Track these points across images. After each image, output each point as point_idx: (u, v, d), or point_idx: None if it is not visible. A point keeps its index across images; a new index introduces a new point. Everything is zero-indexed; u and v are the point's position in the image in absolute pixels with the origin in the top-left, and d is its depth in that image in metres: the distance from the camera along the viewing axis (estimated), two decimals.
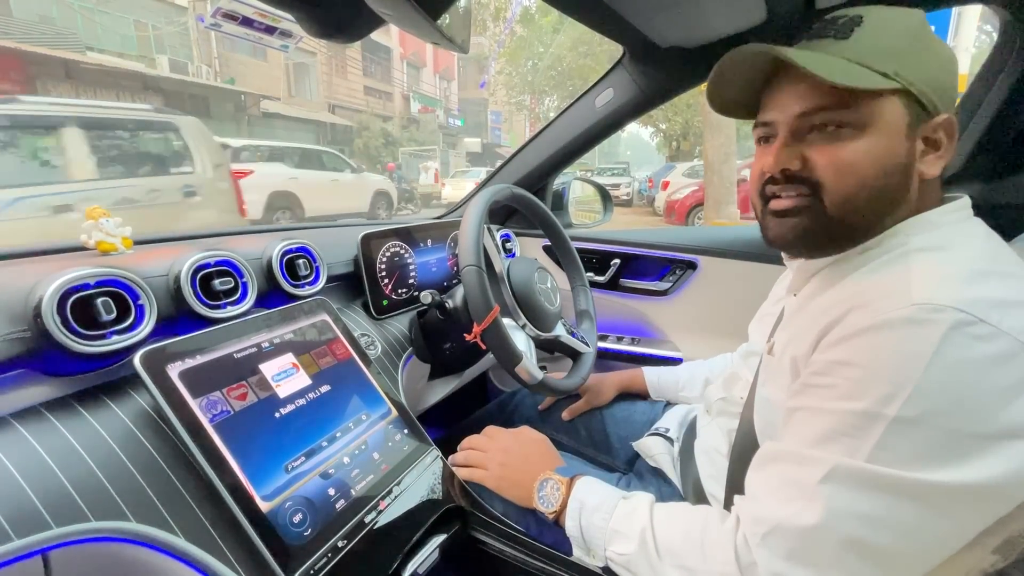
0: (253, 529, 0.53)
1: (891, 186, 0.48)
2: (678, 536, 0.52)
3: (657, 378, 1.00)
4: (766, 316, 0.73)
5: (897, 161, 0.48)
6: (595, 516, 0.59)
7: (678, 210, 8.38)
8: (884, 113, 0.47)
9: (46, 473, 0.48)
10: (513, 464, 0.73)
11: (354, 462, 0.66)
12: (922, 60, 0.48)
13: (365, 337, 0.90)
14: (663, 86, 1.11)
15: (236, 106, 13.06)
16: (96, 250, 0.73)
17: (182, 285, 0.66)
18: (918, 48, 0.48)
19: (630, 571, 0.55)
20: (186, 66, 11.80)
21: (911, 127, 0.48)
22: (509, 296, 0.87)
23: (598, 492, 0.63)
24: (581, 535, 0.60)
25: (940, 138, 0.49)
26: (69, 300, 0.55)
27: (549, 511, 0.64)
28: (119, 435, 0.54)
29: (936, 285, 0.42)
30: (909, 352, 0.39)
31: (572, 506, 0.62)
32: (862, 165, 0.48)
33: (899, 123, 0.47)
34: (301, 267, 0.84)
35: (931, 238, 0.48)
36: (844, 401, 0.42)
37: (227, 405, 0.59)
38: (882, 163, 0.48)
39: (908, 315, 0.40)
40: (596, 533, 0.59)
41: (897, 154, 0.48)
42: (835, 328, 0.45)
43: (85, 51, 9.96)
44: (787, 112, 0.51)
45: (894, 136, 0.48)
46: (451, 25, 0.57)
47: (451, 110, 24.94)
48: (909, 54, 0.47)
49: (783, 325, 0.61)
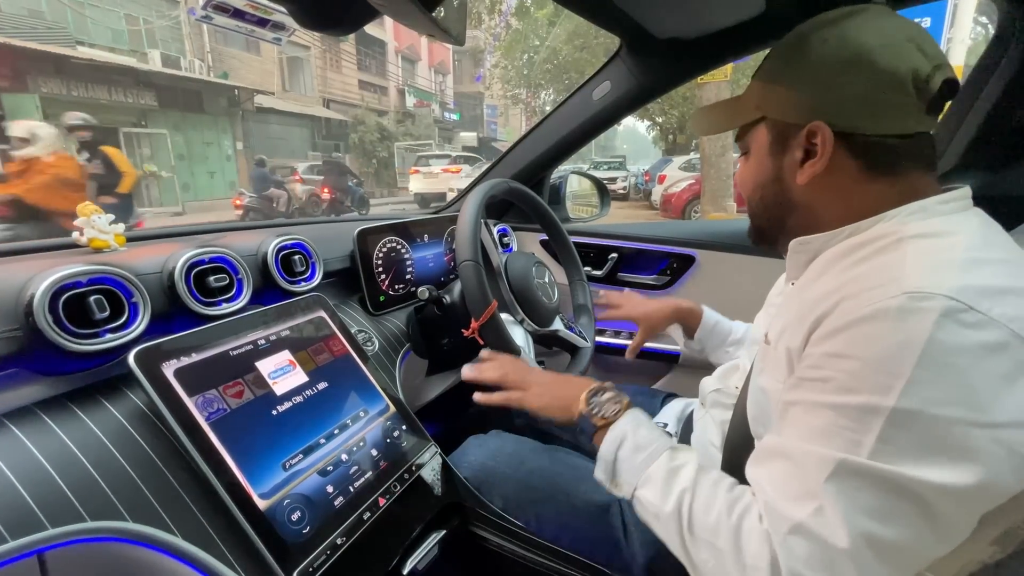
0: (251, 527, 0.53)
1: (765, 198, 0.57)
2: (717, 513, 0.49)
3: (714, 324, 0.94)
4: (771, 307, 0.72)
5: (763, 178, 0.56)
6: (637, 456, 0.55)
7: (675, 204, 8.38)
8: (754, 140, 0.56)
9: (40, 473, 0.47)
10: (549, 380, 0.68)
11: (352, 459, 0.66)
12: (778, 82, 0.53)
13: (362, 333, 0.89)
14: (661, 78, 1.11)
15: (230, 101, 12.95)
16: (89, 247, 0.72)
17: (176, 282, 0.65)
18: (779, 69, 0.53)
19: (652, 523, 0.53)
20: (178, 60, 11.68)
21: (777, 145, 0.54)
22: (507, 291, 0.87)
23: (646, 432, 0.57)
24: (613, 464, 0.57)
25: (813, 145, 0.51)
26: (61, 298, 0.55)
27: (600, 418, 0.59)
28: (114, 434, 0.53)
29: (927, 273, 0.42)
30: (901, 342, 0.39)
31: (614, 433, 0.57)
32: (744, 183, 0.60)
33: (763, 145, 0.55)
34: (297, 263, 0.83)
35: (927, 225, 0.47)
36: (841, 395, 0.42)
37: (223, 403, 0.59)
38: (753, 180, 0.58)
39: (899, 304, 0.40)
40: (631, 474, 0.55)
41: (762, 172, 0.56)
42: (827, 319, 0.45)
43: (75, 46, 9.86)
44: None
45: (760, 157, 0.56)
46: (446, 17, 0.56)
47: (446, 104, 24.82)
48: (773, 82, 0.53)
49: (779, 313, 0.61)
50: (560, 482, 0.74)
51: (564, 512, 0.72)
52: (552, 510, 0.72)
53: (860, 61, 0.47)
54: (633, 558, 0.68)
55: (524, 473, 0.76)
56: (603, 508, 0.71)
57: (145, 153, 11.33)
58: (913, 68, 0.46)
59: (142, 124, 11.27)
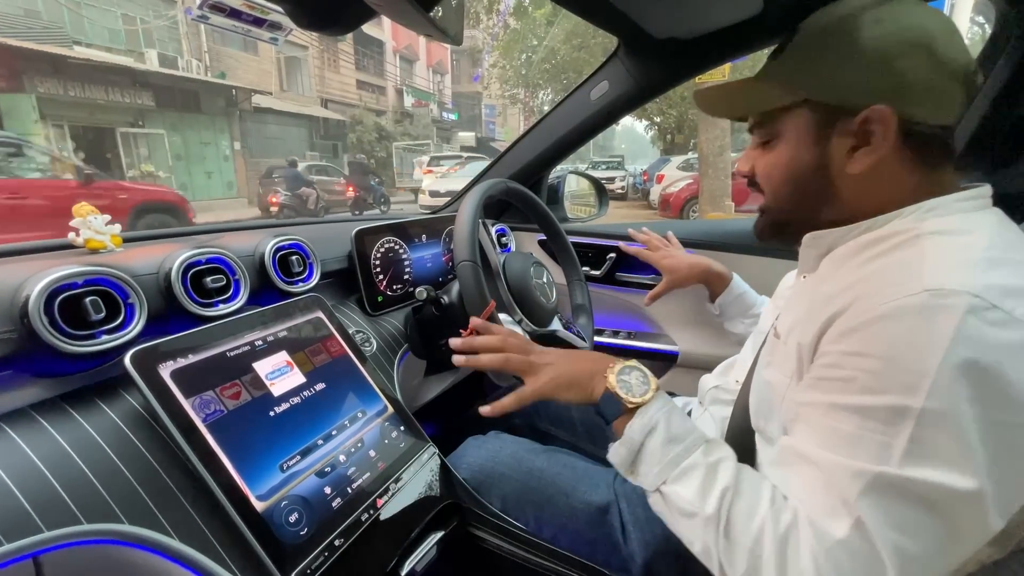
0: (248, 529, 0.53)
1: (803, 188, 0.53)
2: (761, 519, 0.44)
3: (740, 293, 0.92)
4: (780, 299, 0.72)
5: (803, 166, 0.52)
6: (670, 448, 0.50)
7: (673, 203, 8.39)
8: (788, 125, 0.52)
9: (36, 476, 0.47)
10: (559, 354, 0.62)
11: (350, 460, 0.66)
12: (827, 64, 0.49)
13: (360, 334, 0.89)
14: (659, 78, 1.11)
15: (227, 101, 12.93)
16: (85, 248, 0.72)
17: (173, 283, 0.65)
18: (824, 52, 0.49)
19: (676, 521, 0.49)
20: (176, 60, 11.65)
21: (822, 130, 0.50)
22: (505, 291, 0.87)
23: (680, 421, 0.53)
24: (638, 452, 0.52)
25: (870, 131, 0.48)
26: (57, 299, 0.54)
27: (631, 398, 0.53)
28: (110, 436, 0.53)
29: (948, 270, 0.41)
30: (926, 340, 0.38)
31: (643, 419, 0.52)
32: (774, 172, 0.54)
33: (804, 130, 0.51)
34: (294, 264, 0.83)
35: (945, 222, 0.47)
36: (866, 395, 0.41)
37: (220, 404, 0.58)
38: (789, 169, 0.53)
39: (921, 301, 0.39)
40: (662, 467, 0.50)
41: (803, 159, 0.52)
42: (842, 316, 0.44)
43: (72, 46, 9.83)
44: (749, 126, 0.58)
45: (799, 143, 0.51)
46: (444, 17, 0.56)
47: (445, 104, 24.81)
48: (808, 62, 0.50)
49: (789, 307, 0.60)
50: (559, 483, 0.74)
51: (563, 513, 0.72)
52: (551, 511, 0.72)
53: (923, 45, 0.46)
54: (631, 558, 0.68)
55: (523, 474, 0.76)
56: (602, 509, 0.71)
57: (142, 153, 11.30)
58: (966, 60, 0.46)
59: (139, 124, 11.25)
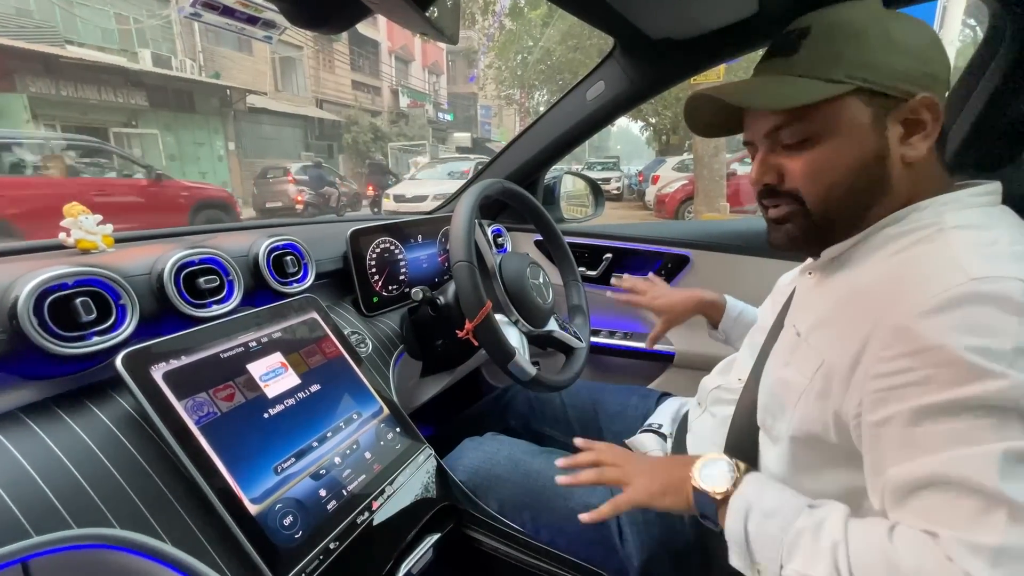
0: (242, 533, 0.52)
1: (865, 180, 0.50)
2: (882, 564, 0.40)
3: (738, 313, 0.91)
4: (778, 295, 0.71)
5: (865, 155, 0.50)
6: (769, 524, 0.47)
7: (668, 204, 8.41)
8: (842, 115, 0.49)
9: (25, 480, 0.46)
10: (652, 464, 0.60)
11: (346, 462, 0.65)
12: (874, 53, 0.48)
13: (355, 335, 0.88)
14: (654, 78, 1.11)
15: (221, 101, 12.86)
16: (76, 248, 0.71)
17: (165, 284, 0.64)
18: (866, 42, 0.48)
19: None
20: (169, 60, 11.58)
21: (878, 118, 0.49)
22: (501, 292, 0.86)
23: (773, 494, 0.50)
24: (746, 541, 0.48)
25: (922, 118, 0.49)
26: (47, 300, 0.53)
27: (716, 491, 0.51)
28: (101, 439, 0.52)
29: (987, 261, 0.42)
30: (997, 324, 0.38)
31: (737, 504, 0.50)
32: (829, 169, 0.51)
33: (861, 119, 0.49)
34: (289, 264, 0.82)
35: (965, 216, 0.48)
36: (952, 389, 0.39)
37: (214, 406, 0.58)
38: (849, 161, 0.50)
39: (972, 290, 0.40)
40: (769, 543, 0.46)
41: (864, 149, 0.50)
42: (888, 317, 0.43)
43: (64, 45, 9.75)
44: (758, 132, 0.55)
45: (857, 133, 0.49)
46: (440, 16, 0.56)
47: (440, 104, 24.79)
48: (857, 52, 0.48)
49: (802, 304, 0.60)
50: (556, 485, 0.74)
51: (560, 515, 0.71)
52: (548, 513, 0.72)
53: (939, 44, 0.50)
54: (628, 560, 0.68)
55: (520, 476, 0.75)
56: None
57: (136, 153, 11.22)
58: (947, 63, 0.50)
59: (132, 124, 11.17)
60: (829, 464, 0.51)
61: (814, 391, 0.50)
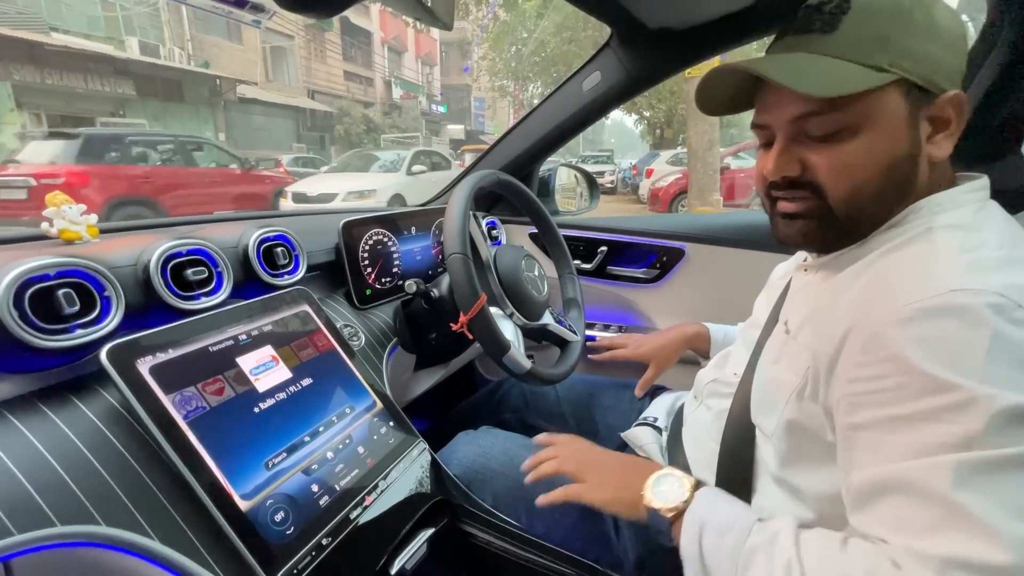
0: (232, 529, 0.51)
1: (895, 179, 0.47)
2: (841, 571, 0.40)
3: (723, 337, 0.91)
4: (772, 289, 0.71)
5: (899, 153, 0.47)
6: (724, 540, 0.47)
7: (662, 198, 8.41)
8: (880, 108, 0.45)
9: (6, 477, 0.45)
10: (609, 466, 0.60)
11: (338, 457, 0.64)
12: (918, 40, 0.45)
13: (348, 328, 0.87)
14: (651, 69, 1.10)
15: (211, 91, 12.69)
16: (60, 239, 0.69)
17: (152, 275, 0.62)
18: (912, 27, 0.45)
19: None
20: (157, 48, 11.39)
21: (912, 114, 0.46)
22: (496, 285, 0.85)
23: (724, 509, 0.50)
24: (700, 559, 0.48)
25: (948, 115, 0.47)
26: (28, 292, 0.52)
27: (667, 507, 0.51)
28: (86, 435, 0.51)
29: (968, 270, 0.41)
30: (966, 339, 0.38)
31: (689, 520, 0.50)
32: (861, 165, 0.47)
33: (898, 114, 0.46)
34: (279, 256, 0.80)
35: (954, 216, 0.47)
36: (922, 399, 0.38)
37: (202, 401, 0.56)
38: (882, 159, 0.46)
39: (947, 302, 0.39)
40: (724, 560, 0.46)
41: (899, 147, 0.46)
42: (865, 320, 0.43)
43: (49, 32, 9.55)
44: (780, 117, 0.49)
45: (894, 129, 0.46)
46: (435, 1, 0.54)
47: (433, 96, 24.62)
48: (902, 37, 0.44)
49: (795, 300, 0.59)
50: (551, 479, 0.73)
51: (555, 509, 0.70)
52: (543, 507, 0.72)
53: (966, 36, 0.47)
54: (624, 554, 0.68)
55: (514, 470, 0.75)
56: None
57: None
58: None
59: (120, 114, 11.00)
60: (822, 460, 0.50)
61: (806, 389, 0.49)
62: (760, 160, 0.54)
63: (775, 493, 0.55)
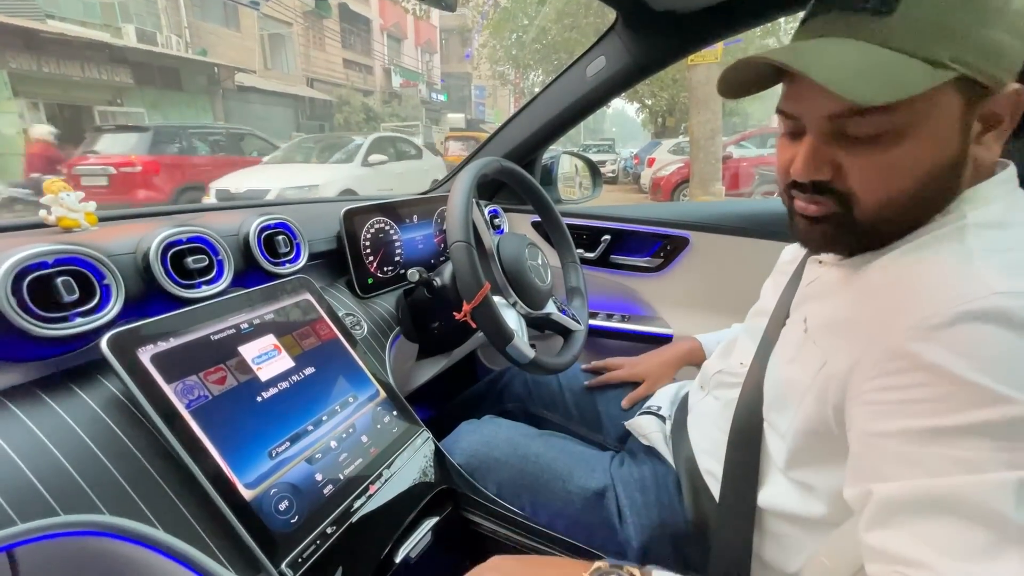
0: (237, 518, 0.51)
1: (933, 188, 0.43)
2: None
3: (716, 345, 0.89)
4: (780, 274, 0.68)
5: (944, 159, 0.42)
6: None
7: (664, 187, 8.37)
8: (932, 109, 0.40)
9: (8, 466, 0.44)
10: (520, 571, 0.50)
11: (342, 446, 0.64)
12: (987, 27, 0.38)
13: (350, 317, 0.86)
14: (657, 53, 1.08)
15: (209, 79, 12.57)
16: (58, 227, 0.68)
17: (151, 263, 0.62)
18: (982, 10, 0.38)
19: None
20: (154, 36, 11.27)
21: (966, 114, 0.41)
22: (499, 273, 0.84)
23: None
24: None
25: (1002, 113, 0.42)
26: (26, 280, 0.51)
27: None
28: (88, 424, 0.50)
29: (1010, 271, 0.38)
30: (1015, 347, 0.35)
31: None
32: (899, 175, 0.42)
33: (951, 116, 0.40)
34: (280, 244, 0.80)
35: (987, 213, 0.43)
36: (970, 411, 0.35)
37: (204, 390, 0.56)
38: (923, 167, 0.42)
39: (994, 305, 0.36)
40: None
41: (945, 152, 0.41)
42: (895, 324, 0.40)
43: (45, 19, 9.44)
44: (814, 111, 0.44)
45: (943, 132, 0.41)
46: None
47: (434, 84, 24.41)
48: (969, 24, 0.38)
49: (812, 296, 0.57)
50: (555, 468, 0.73)
51: (559, 497, 0.71)
52: (547, 496, 0.71)
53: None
54: (628, 542, 0.68)
55: (518, 459, 0.75)
56: (598, 493, 0.71)
57: None
58: None
59: (118, 102, 10.90)
60: (832, 459, 0.49)
61: (816, 389, 0.48)
62: (784, 150, 0.49)
63: (784, 486, 0.55)
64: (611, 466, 0.75)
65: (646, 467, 0.74)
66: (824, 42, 0.42)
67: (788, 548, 0.55)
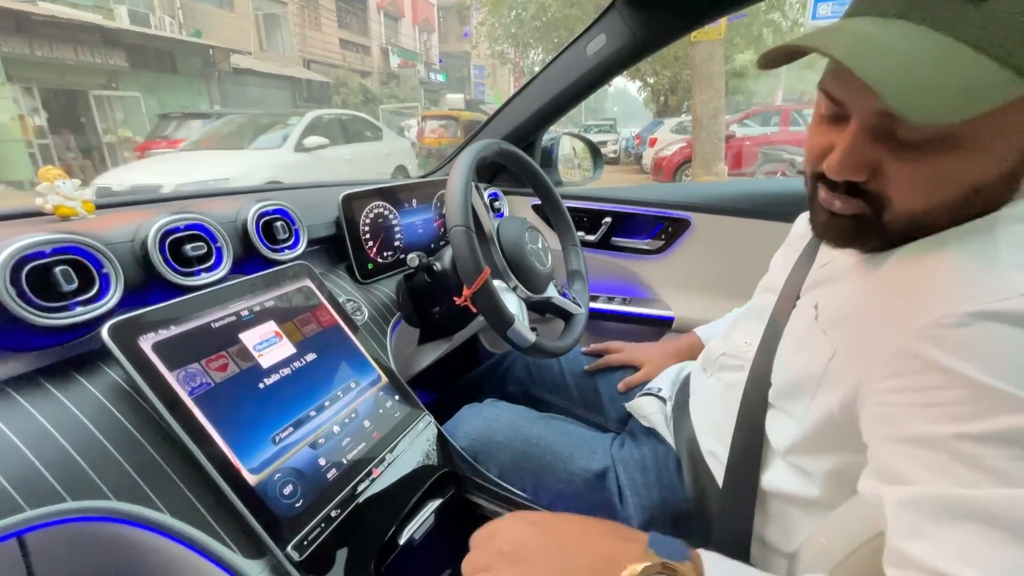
0: (242, 502, 0.51)
1: (977, 202, 0.40)
2: None
3: (712, 334, 0.89)
4: (791, 249, 0.66)
5: (995, 174, 0.38)
6: None
7: (666, 167, 8.29)
8: (999, 122, 0.35)
9: (14, 454, 0.45)
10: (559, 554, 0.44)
11: (344, 431, 0.65)
12: None
13: (351, 302, 0.86)
14: (659, 30, 1.05)
15: (204, 61, 12.39)
16: (55, 215, 0.67)
17: (150, 251, 0.61)
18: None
19: None
20: (147, 17, 11.06)
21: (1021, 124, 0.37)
22: (499, 257, 0.84)
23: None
24: None
25: None
26: (24, 269, 0.51)
27: None
28: (91, 411, 0.51)
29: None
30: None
31: None
32: (947, 185, 0.39)
33: (1016, 127, 0.36)
34: (279, 230, 0.79)
35: (1019, 208, 0.40)
36: (999, 415, 0.33)
37: (207, 377, 0.56)
38: (972, 180, 0.38)
39: (1017, 307, 0.34)
40: None
41: (999, 167, 0.38)
42: (914, 321, 0.38)
43: (36, 1, 9.26)
44: (864, 103, 0.39)
45: (1002, 146, 0.37)
46: None
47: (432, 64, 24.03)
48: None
49: (825, 281, 0.55)
50: (556, 450, 0.74)
51: (560, 479, 0.72)
52: (548, 477, 0.72)
53: None
54: (628, 522, 0.69)
55: (520, 441, 0.75)
56: (599, 475, 0.71)
57: (119, 117, 10.88)
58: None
59: (113, 86, 10.77)
60: (832, 447, 0.49)
61: (828, 380, 0.48)
62: (819, 133, 0.45)
63: (783, 469, 0.55)
64: (612, 447, 0.76)
65: (646, 448, 0.75)
66: (895, 30, 0.36)
67: (788, 528, 0.56)
